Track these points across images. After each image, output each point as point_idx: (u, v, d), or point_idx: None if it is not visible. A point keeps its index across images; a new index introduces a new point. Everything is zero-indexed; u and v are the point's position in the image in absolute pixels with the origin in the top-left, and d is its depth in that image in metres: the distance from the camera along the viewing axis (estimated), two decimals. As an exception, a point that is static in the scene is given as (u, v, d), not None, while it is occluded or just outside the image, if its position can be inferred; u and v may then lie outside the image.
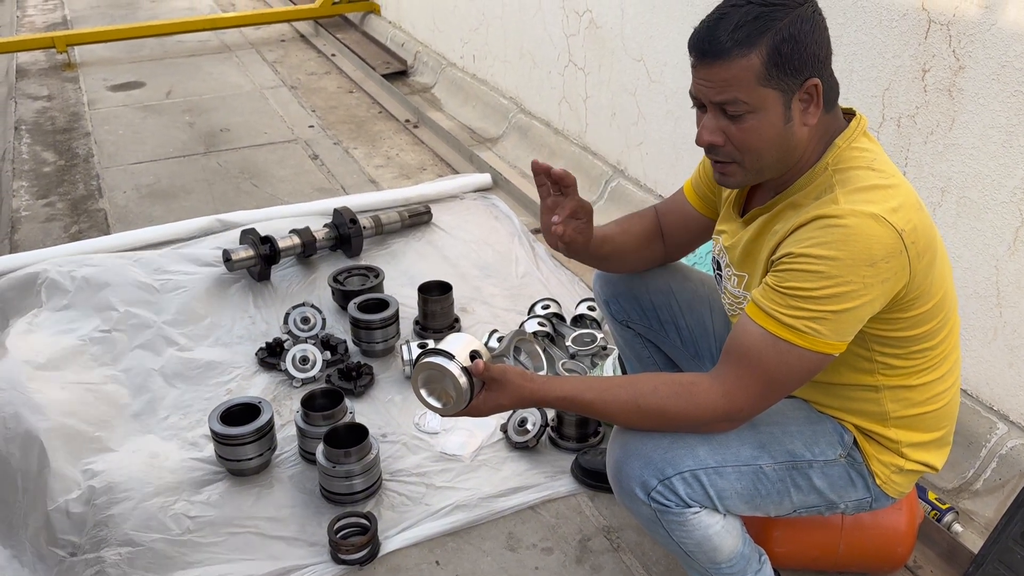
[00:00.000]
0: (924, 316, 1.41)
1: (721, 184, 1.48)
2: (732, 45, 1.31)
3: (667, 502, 1.46)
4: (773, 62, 1.31)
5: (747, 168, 1.41)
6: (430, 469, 2.22)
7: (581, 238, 1.67)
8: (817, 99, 1.37)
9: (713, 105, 1.37)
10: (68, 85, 5.28)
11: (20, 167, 4.13)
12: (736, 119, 1.36)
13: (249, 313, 2.85)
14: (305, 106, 4.94)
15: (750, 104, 1.34)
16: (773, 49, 1.31)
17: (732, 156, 1.41)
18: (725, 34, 1.32)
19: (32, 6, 7.44)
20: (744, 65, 1.31)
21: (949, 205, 2.10)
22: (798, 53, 1.32)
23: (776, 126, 1.36)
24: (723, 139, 1.39)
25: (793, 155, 1.40)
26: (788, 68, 1.32)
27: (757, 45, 1.31)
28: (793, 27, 1.31)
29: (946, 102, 2.05)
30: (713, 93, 1.36)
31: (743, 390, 1.38)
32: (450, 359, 1.44)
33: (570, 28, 3.65)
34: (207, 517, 2.07)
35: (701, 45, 1.35)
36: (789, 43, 1.31)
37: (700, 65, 1.36)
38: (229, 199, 3.75)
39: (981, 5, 1.92)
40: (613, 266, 1.85)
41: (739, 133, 1.37)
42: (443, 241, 3.32)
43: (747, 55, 1.31)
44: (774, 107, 1.35)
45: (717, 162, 1.44)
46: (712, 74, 1.34)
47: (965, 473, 2.09)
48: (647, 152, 3.33)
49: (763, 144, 1.37)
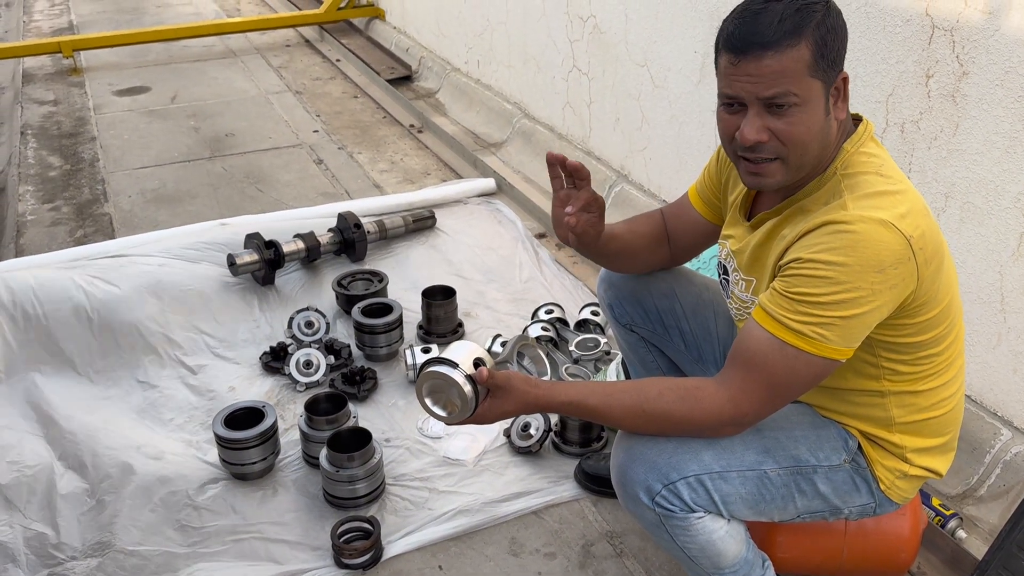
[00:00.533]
0: (930, 322, 1.41)
1: (755, 187, 1.45)
2: (781, 36, 1.30)
3: (671, 507, 1.45)
4: (820, 52, 1.32)
5: (789, 164, 1.38)
6: (433, 474, 2.22)
7: (593, 231, 1.65)
8: (845, 92, 1.38)
9: (759, 101, 1.34)
10: (74, 90, 5.29)
11: (26, 171, 4.14)
12: (783, 114, 1.34)
13: (253, 317, 2.85)
14: (310, 111, 4.96)
15: (800, 95, 1.33)
16: (820, 39, 1.32)
17: (777, 152, 1.37)
18: (770, 27, 1.30)
19: (39, 11, 7.47)
20: (795, 56, 1.31)
21: (953, 211, 2.10)
22: (837, 44, 1.34)
23: (820, 120, 1.36)
24: (768, 136, 1.36)
25: (828, 151, 1.40)
26: (831, 59, 1.33)
27: (804, 35, 1.31)
28: (830, 19, 1.33)
29: (950, 108, 2.05)
30: (763, 88, 1.33)
31: (749, 395, 1.38)
32: (454, 368, 1.44)
33: (574, 33, 3.65)
34: (210, 521, 2.07)
35: (747, 39, 1.32)
36: (831, 34, 1.32)
37: (745, 60, 1.33)
38: (234, 204, 3.76)
39: (985, 11, 1.92)
40: (620, 265, 1.84)
41: (786, 127, 1.35)
42: (447, 246, 3.32)
43: (797, 45, 1.31)
44: (818, 98, 1.35)
45: (757, 161, 1.40)
46: (762, 67, 1.32)
47: (969, 479, 2.08)
48: (651, 157, 3.34)
49: (809, 137, 1.36)
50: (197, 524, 2.06)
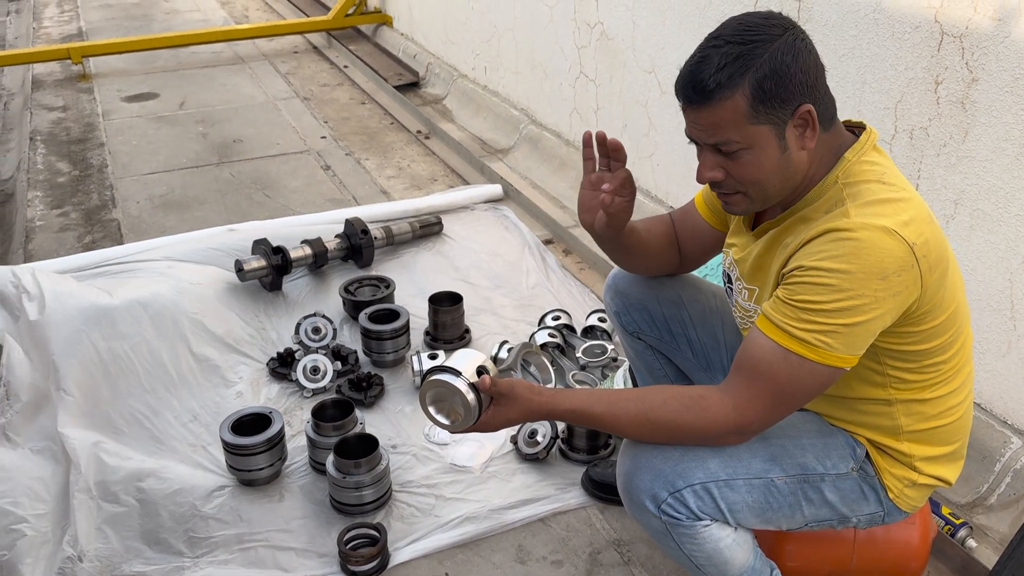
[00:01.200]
0: (936, 330, 1.40)
1: (729, 212, 1.49)
2: (715, 88, 1.31)
3: (678, 515, 1.45)
4: (758, 99, 1.31)
5: (752, 197, 1.42)
6: (440, 480, 2.22)
7: (623, 215, 1.62)
8: (812, 123, 1.36)
9: (707, 145, 1.38)
10: (83, 96, 5.32)
11: (35, 177, 4.16)
12: (732, 156, 1.37)
13: (261, 323, 2.85)
14: (317, 117, 4.97)
15: (742, 142, 1.35)
16: (756, 86, 1.31)
17: (735, 188, 1.41)
18: (707, 77, 1.32)
19: (48, 18, 7.52)
20: (729, 107, 1.32)
21: (962, 218, 2.09)
22: (783, 85, 1.32)
23: (773, 159, 1.36)
24: (723, 174, 1.40)
25: (795, 179, 1.41)
26: (775, 102, 1.32)
27: (739, 85, 1.31)
28: (774, 61, 1.31)
29: (959, 114, 2.04)
30: (706, 136, 1.37)
31: (753, 403, 1.38)
32: (457, 376, 1.44)
33: (581, 40, 3.66)
34: (217, 530, 2.07)
35: (686, 91, 1.36)
36: (771, 78, 1.31)
37: (688, 109, 1.37)
38: (242, 209, 3.77)
39: (994, 18, 1.92)
40: (635, 262, 1.82)
41: (737, 168, 1.38)
42: (454, 252, 3.33)
43: (731, 96, 1.31)
44: (768, 141, 1.35)
45: (722, 193, 1.45)
46: (700, 118, 1.35)
47: (979, 487, 2.07)
48: (658, 163, 3.33)
49: (763, 175, 1.38)
50: (204, 533, 2.06)
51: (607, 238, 1.69)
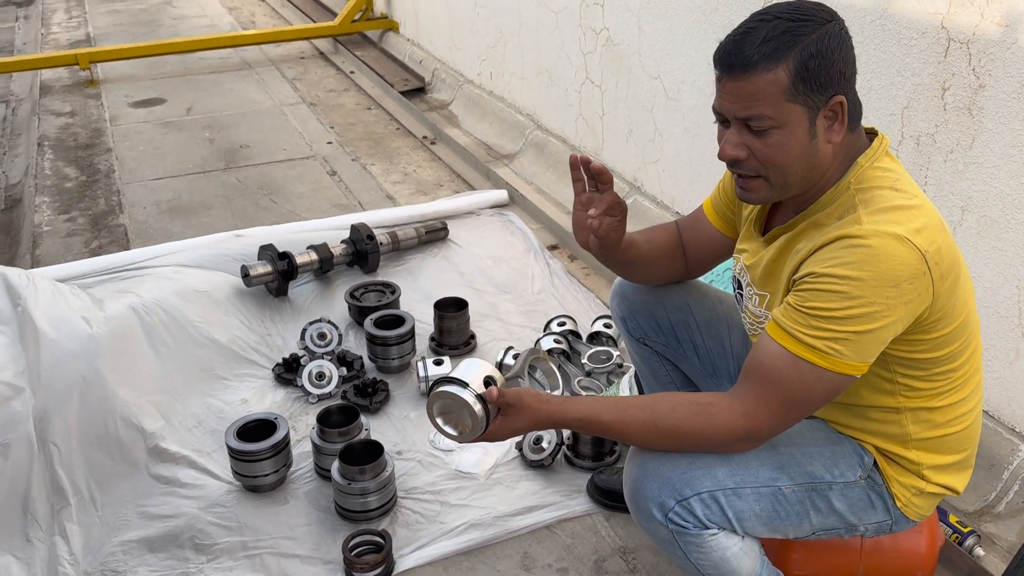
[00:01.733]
0: (947, 338, 1.39)
1: (744, 200, 1.47)
2: (759, 59, 1.31)
3: (685, 523, 1.44)
4: (800, 77, 1.31)
5: (772, 183, 1.40)
6: (445, 487, 2.22)
7: (615, 235, 1.63)
8: (842, 116, 1.36)
9: (738, 120, 1.37)
10: (90, 101, 5.34)
11: (43, 182, 4.18)
12: (761, 134, 1.36)
13: (266, 328, 2.86)
14: (324, 123, 4.98)
15: (775, 119, 1.33)
16: (800, 64, 1.30)
17: (757, 170, 1.40)
18: (752, 48, 1.31)
19: (56, 24, 7.55)
20: (771, 79, 1.31)
21: (970, 224, 2.08)
22: (825, 69, 1.31)
23: (801, 142, 1.35)
24: (747, 153, 1.38)
25: (817, 171, 1.40)
26: (815, 84, 1.32)
27: (784, 59, 1.30)
28: (821, 43, 1.31)
29: (966, 120, 2.04)
30: (739, 108, 1.35)
31: (763, 410, 1.37)
32: (464, 388, 1.43)
33: (587, 46, 3.66)
34: (222, 533, 2.07)
35: (727, 58, 1.34)
36: (816, 58, 1.31)
37: (726, 78, 1.35)
38: (248, 215, 3.78)
39: (1001, 24, 1.91)
40: (637, 274, 1.83)
41: (764, 148, 1.36)
42: (459, 257, 3.32)
43: (774, 69, 1.30)
44: (799, 123, 1.34)
45: (740, 176, 1.43)
46: (738, 88, 1.34)
47: (987, 496, 2.06)
48: (664, 169, 3.33)
49: (788, 160, 1.36)
50: (209, 540, 2.05)
51: (603, 256, 1.70)
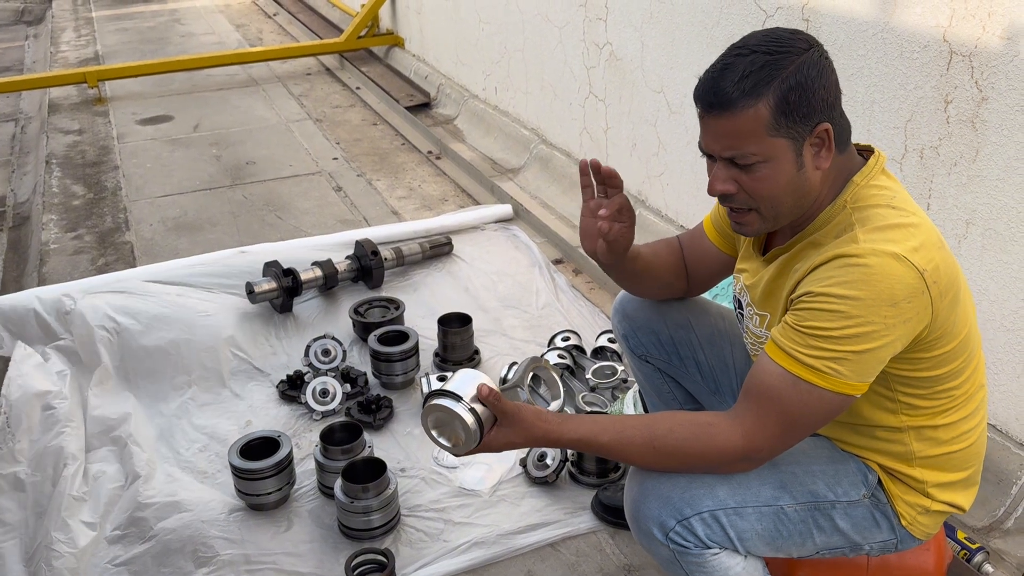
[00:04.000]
0: (947, 356, 1.38)
1: (739, 233, 1.46)
2: (739, 96, 1.29)
3: (686, 543, 1.43)
4: (781, 111, 1.30)
5: (764, 215, 1.40)
6: (448, 504, 2.21)
7: (624, 241, 1.62)
8: (828, 143, 1.35)
9: (723, 157, 1.36)
10: (98, 119, 5.38)
11: (50, 200, 4.20)
12: (748, 169, 1.35)
13: (271, 345, 2.86)
14: (330, 138, 5.00)
15: (761, 155, 1.33)
16: (781, 98, 1.29)
17: (747, 204, 1.39)
18: (731, 85, 1.30)
19: (65, 42, 7.62)
20: (752, 116, 1.30)
21: (974, 237, 2.07)
22: (806, 100, 1.30)
23: (788, 173, 1.35)
24: (736, 188, 1.37)
25: (808, 199, 1.39)
26: (797, 116, 1.31)
27: (764, 95, 1.29)
28: (800, 74, 1.30)
29: (969, 133, 2.03)
30: (722, 147, 1.35)
31: (763, 431, 1.36)
32: (457, 400, 1.43)
33: (590, 60, 3.66)
34: (226, 552, 2.06)
35: (707, 97, 1.33)
36: (797, 91, 1.29)
37: (708, 117, 1.35)
38: (254, 231, 3.79)
39: (1003, 37, 1.90)
40: (641, 286, 1.82)
41: (752, 183, 1.36)
42: (464, 272, 3.32)
43: (754, 105, 1.30)
44: (785, 155, 1.33)
45: (733, 210, 1.42)
46: (720, 126, 1.33)
47: (995, 511, 2.03)
48: (668, 183, 3.32)
49: (777, 191, 1.36)
50: (211, 553, 2.05)
51: (610, 264, 1.68)
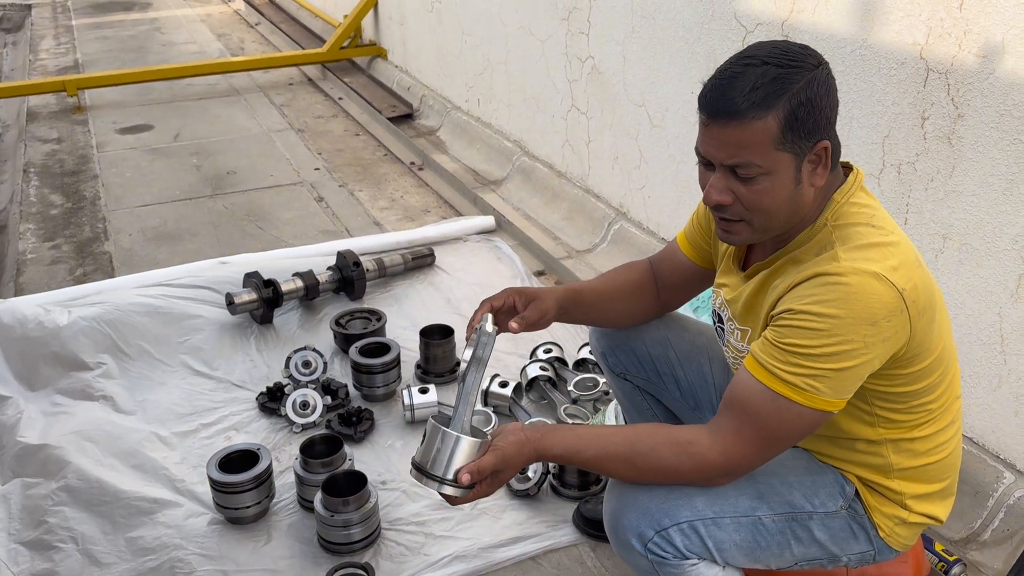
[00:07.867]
0: (923, 372, 1.40)
1: (725, 241, 1.46)
2: (748, 107, 1.28)
3: (664, 554, 1.43)
4: (789, 126, 1.29)
5: (755, 227, 1.40)
6: (429, 518, 2.20)
7: (540, 323, 1.71)
8: (826, 160, 1.35)
9: (724, 166, 1.35)
10: (77, 128, 5.34)
11: (27, 209, 4.16)
12: (747, 181, 1.34)
13: (251, 356, 2.84)
14: (312, 149, 4.99)
15: (763, 167, 1.32)
16: (790, 112, 1.29)
17: (740, 215, 1.39)
18: (740, 95, 1.28)
19: (44, 50, 7.56)
20: (760, 128, 1.29)
21: (951, 252, 2.10)
22: (813, 117, 1.30)
23: (787, 188, 1.34)
24: (732, 198, 1.36)
25: (799, 215, 1.40)
26: (803, 131, 1.30)
27: (774, 108, 1.28)
28: (810, 90, 1.29)
29: (946, 149, 2.05)
30: (726, 156, 1.33)
31: (741, 445, 1.37)
32: (441, 483, 1.45)
33: (573, 74, 3.68)
34: (203, 562, 2.04)
35: (714, 104, 1.32)
36: (806, 107, 1.29)
37: (712, 124, 1.33)
38: (234, 241, 3.77)
39: (979, 55, 1.93)
40: (599, 318, 1.84)
41: (750, 195, 1.35)
42: (446, 283, 3.32)
43: (763, 118, 1.29)
44: (786, 170, 1.33)
45: (723, 220, 1.42)
46: (725, 135, 1.31)
47: (972, 523, 2.05)
48: (649, 195, 3.34)
49: (774, 205, 1.36)
50: (189, 569, 2.03)
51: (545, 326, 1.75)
